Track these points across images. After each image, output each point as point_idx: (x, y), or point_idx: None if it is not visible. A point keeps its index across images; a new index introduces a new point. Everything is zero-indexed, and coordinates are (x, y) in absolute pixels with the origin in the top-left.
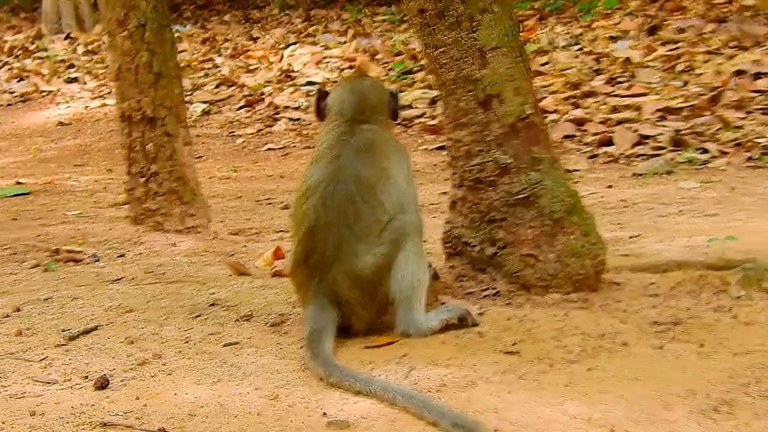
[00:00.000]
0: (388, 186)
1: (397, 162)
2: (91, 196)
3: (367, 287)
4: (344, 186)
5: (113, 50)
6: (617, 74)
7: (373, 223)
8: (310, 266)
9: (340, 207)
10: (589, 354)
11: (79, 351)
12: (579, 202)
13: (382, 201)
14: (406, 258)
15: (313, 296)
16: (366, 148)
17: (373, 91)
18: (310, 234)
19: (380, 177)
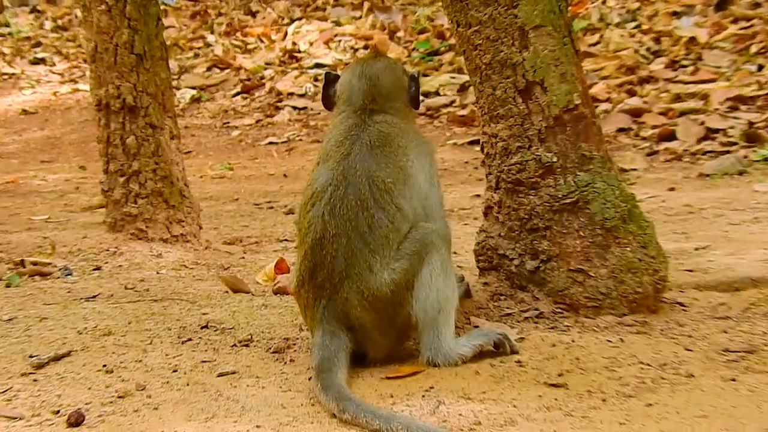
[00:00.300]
0: (408, 188)
1: (418, 159)
2: (60, 198)
3: (385, 309)
4: (355, 189)
5: (88, 26)
6: (680, 56)
7: (390, 232)
8: (317, 284)
9: (351, 214)
10: (648, 387)
11: (49, 381)
12: (636, 207)
13: (400, 206)
14: (431, 273)
15: (322, 319)
16: (380, 143)
17: (388, 74)
18: (316, 247)
19: (398, 177)
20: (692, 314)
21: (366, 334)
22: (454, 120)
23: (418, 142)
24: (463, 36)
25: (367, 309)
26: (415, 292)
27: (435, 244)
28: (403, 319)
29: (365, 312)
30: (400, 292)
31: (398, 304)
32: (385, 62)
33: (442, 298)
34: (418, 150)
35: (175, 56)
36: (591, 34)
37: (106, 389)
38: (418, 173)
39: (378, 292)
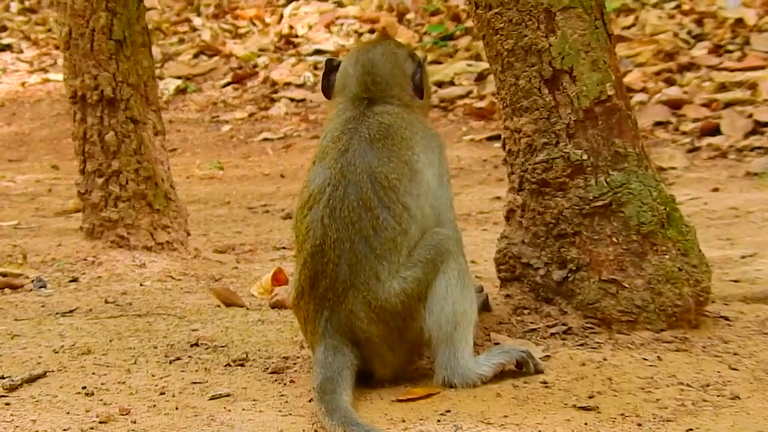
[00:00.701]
0: (415, 184)
1: (425, 153)
2: (31, 201)
3: (395, 322)
4: (356, 188)
5: (61, 9)
6: (725, 40)
7: (398, 235)
8: (319, 295)
9: (354, 216)
10: (689, 410)
11: (23, 405)
12: (675, 210)
13: (407, 205)
14: (447, 284)
15: (324, 334)
16: (381, 136)
17: (388, 60)
18: (316, 254)
19: (403, 173)
20: (738, 329)
21: (373, 349)
22: (471, 113)
23: (425, 135)
24: (483, 18)
25: (375, 322)
26: (428, 305)
27: (451, 251)
28: (414, 334)
29: (372, 325)
30: (412, 304)
31: (409, 317)
32: (386, 47)
33: (459, 311)
34: (424, 143)
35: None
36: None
37: (87, 414)
38: (425, 169)
39: (386, 303)
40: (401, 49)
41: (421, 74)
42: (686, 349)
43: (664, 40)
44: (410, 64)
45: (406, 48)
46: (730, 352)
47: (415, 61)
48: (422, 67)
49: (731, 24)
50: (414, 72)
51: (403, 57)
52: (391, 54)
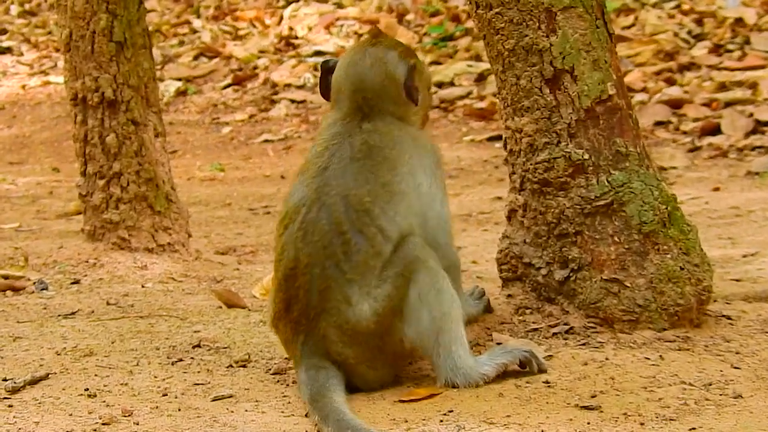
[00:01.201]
0: (393, 206)
1: (413, 173)
2: (32, 204)
3: (370, 342)
4: (329, 211)
5: (61, 11)
6: (726, 40)
7: (370, 258)
8: (293, 320)
9: (325, 241)
10: (692, 409)
11: (25, 407)
12: (677, 210)
13: (382, 227)
14: (420, 293)
15: (302, 357)
16: (362, 156)
17: (378, 71)
18: (289, 278)
19: (379, 195)
20: (740, 328)
21: (351, 369)
22: (471, 113)
23: (417, 153)
24: (483, 18)
25: (349, 344)
26: (405, 317)
27: (419, 258)
28: (394, 347)
29: (347, 348)
30: (386, 321)
31: (385, 334)
32: (375, 55)
33: (438, 317)
34: (414, 162)
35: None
36: (625, 15)
37: (89, 415)
38: (410, 190)
39: (358, 326)
40: (391, 53)
41: (413, 78)
42: (688, 349)
43: (664, 39)
44: (402, 68)
45: (397, 50)
46: (733, 351)
47: (407, 65)
48: (415, 70)
49: (731, 23)
50: (405, 77)
51: (393, 63)
52: (380, 64)
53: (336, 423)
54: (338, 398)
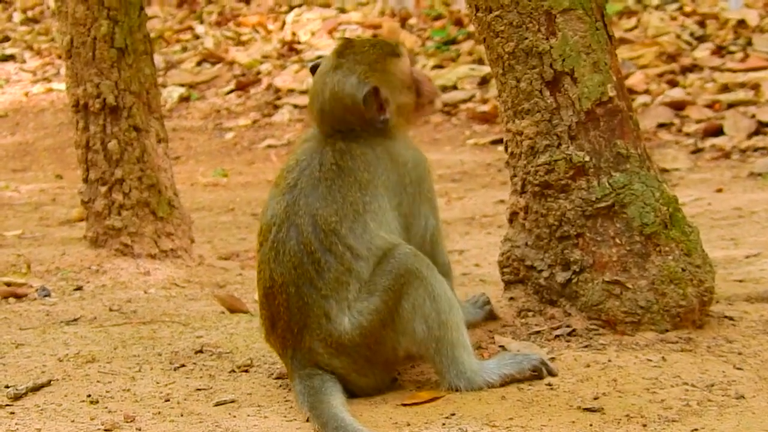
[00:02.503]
0: (361, 224)
1: (386, 191)
2: (35, 211)
3: (358, 353)
4: (298, 231)
5: (62, 18)
6: (728, 42)
7: (341, 275)
8: (279, 336)
9: (296, 261)
10: (694, 410)
11: (27, 413)
12: (678, 211)
13: (351, 246)
14: (414, 305)
15: (294, 369)
16: (331, 176)
17: (340, 99)
18: (269, 296)
19: (346, 215)
20: (742, 329)
21: (342, 378)
22: (474, 116)
23: (391, 173)
24: (483, 22)
25: (336, 356)
26: (399, 328)
27: (410, 270)
28: (386, 356)
29: (334, 359)
30: (376, 333)
31: (374, 345)
32: (336, 80)
33: (435, 326)
34: (388, 183)
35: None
36: (627, 17)
37: (91, 422)
38: (381, 209)
39: (342, 339)
40: (350, 79)
41: (376, 98)
42: (691, 350)
43: (667, 41)
44: (360, 92)
45: (356, 72)
46: (735, 351)
47: (365, 88)
48: (368, 99)
49: (733, 25)
50: (365, 102)
51: (351, 90)
52: (340, 90)
53: (335, 430)
54: (336, 402)
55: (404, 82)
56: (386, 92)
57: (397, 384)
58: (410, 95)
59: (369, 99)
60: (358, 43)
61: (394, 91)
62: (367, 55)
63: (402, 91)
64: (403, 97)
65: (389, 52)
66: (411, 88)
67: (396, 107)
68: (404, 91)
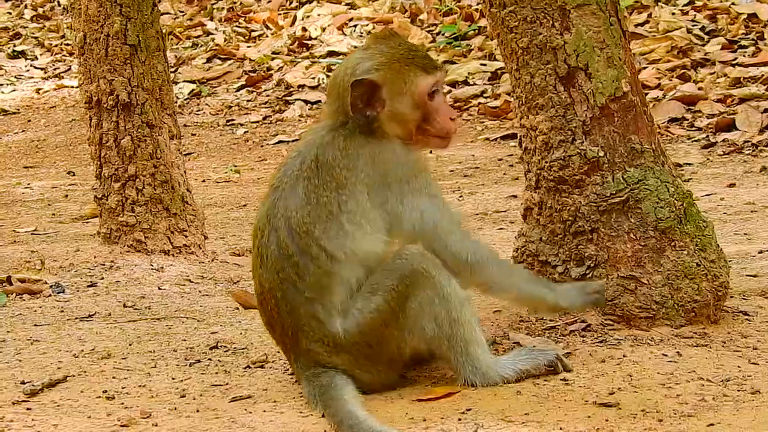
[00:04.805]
0: (334, 225)
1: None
2: (48, 208)
3: (357, 350)
4: (276, 235)
5: (74, 15)
6: (739, 36)
7: (322, 277)
8: (279, 340)
9: (278, 266)
10: (710, 405)
11: (44, 409)
12: (692, 206)
13: (324, 247)
14: (421, 303)
15: (300, 371)
16: (311, 173)
17: (336, 84)
18: (262, 302)
19: (318, 216)
20: (757, 324)
21: (346, 373)
22: (485, 112)
23: (372, 170)
24: (497, 17)
25: (335, 353)
26: (405, 327)
27: (417, 271)
28: (390, 354)
29: (334, 356)
30: (377, 331)
31: (377, 344)
32: (342, 66)
33: (446, 324)
34: (368, 180)
35: (171, 46)
36: (638, 12)
37: (108, 418)
38: (355, 209)
39: (338, 338)
40: (363, 63)
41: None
42: (706, 345)
43: (678, 36)
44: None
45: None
46: (750, 346)
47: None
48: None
49: (745, 19)
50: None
51: (353, 71)
52: (345, 68)
53: (350, 429)
54: (349, 397)
55: (414, 98)
56: (387, 94)
57: (412, 379)
58: (415, 113)
59: (358, 88)
60: (399, 40)
61: (396, 98)
62: (394, 53)
63: (406, 105)
64: (404, 110)
65: (418, 64)
66: (420, 108)
67: (391, 113)
68: (409, 106)
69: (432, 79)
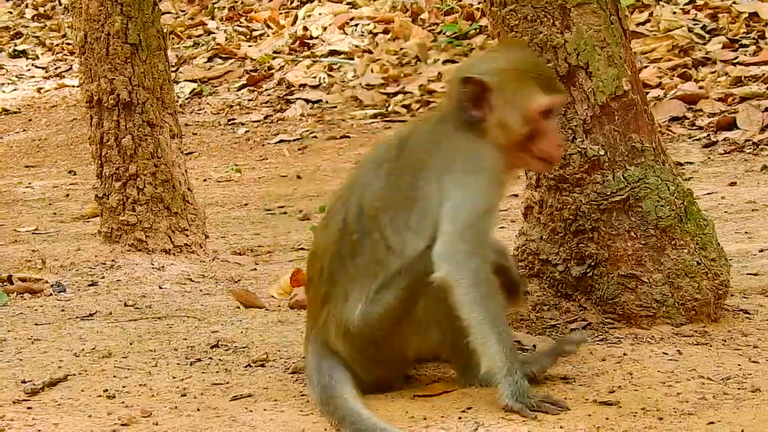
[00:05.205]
0: (404, 215)
1: (440, 178)
2: (49, 207)
3: (362, 344)
4: (345, 209)
5: (75, 14)
6: (740, 35)
7: (372, 264)
8: (310, 299)
9: (337, 236)
10: (710, 403)
11: (44, 408)
12: (693, 204)
13: (387, 237)
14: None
15: (310, 339)
16: (393, 157)
17: (476, 62)
18: (310, 260)
19: (391, 203)
20: (757, 322)
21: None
22: None
23: (452, 162)
24: (498, 16)
25: (342, 340)
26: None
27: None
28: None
29: (340, 343)
30: (384, 328)
31: (381, 341)
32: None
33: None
34: (446, 169)
35: (172, 46)
36: (639, 11)
37: (108, 416)
38: (425, 197)
39: (350, 325)
40: (486, 63)
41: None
42: (706, 343)
43: (679, 35)
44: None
45: (495, 64)
46: (750, 344)
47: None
48: (482, 88)
49: (746, 18)
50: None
51: (472, 69)
52: (458, 70)
53: (352, 425)
54: (349, 395)
55: (525, 114)
56: (497, 101)
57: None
58: (522, 128)
59: (468, 86)
60: (528, 54)
61: (507, 107)
62: (516, 63)
63: (514, 118)
64: (512, 122)
65: (538, 81)
66: (528, 125)
67: (498, 121)
68: (517, 120)
69: (548, 101)
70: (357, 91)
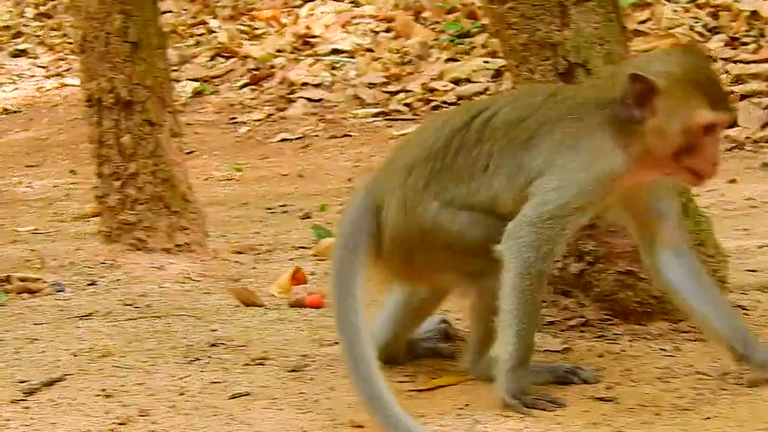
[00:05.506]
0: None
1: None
2: (49, 207)
3: (408, 242)
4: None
5: (75, 13)
6: (741, 33)
7: (466, 169)
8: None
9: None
10: (707, 399)
11: (42, 408)
12: (691, 201)
13: (492, 154)
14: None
15: (367, 188)
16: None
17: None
18: (434, 123)
19: (515, 137)
20: (755, 318)
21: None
22: None
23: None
24: (497, 14)
25: (394, 221)
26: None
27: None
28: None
29: (391, 215)
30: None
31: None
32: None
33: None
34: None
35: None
36: (640, 9)
37: (106, 416)
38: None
39: (413, 209)
40: (663, 63)
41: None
42: (703, 339)
43: (680, 33)
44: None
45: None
46: None
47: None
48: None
49: (746, 16)
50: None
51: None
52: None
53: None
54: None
55: (685, 125)
56: (661, 105)
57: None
58: (680, 139)
59: (636, 83)
60: (703, 61)
61: (670, 114)
62: (691, 71)
63: (675, 127)
64: (670, 130)
65: (708, 95)
66: (688, 138)
67: (657, 126)
68: (677, 130)
69: (712, 117)
70: (359, 90)
